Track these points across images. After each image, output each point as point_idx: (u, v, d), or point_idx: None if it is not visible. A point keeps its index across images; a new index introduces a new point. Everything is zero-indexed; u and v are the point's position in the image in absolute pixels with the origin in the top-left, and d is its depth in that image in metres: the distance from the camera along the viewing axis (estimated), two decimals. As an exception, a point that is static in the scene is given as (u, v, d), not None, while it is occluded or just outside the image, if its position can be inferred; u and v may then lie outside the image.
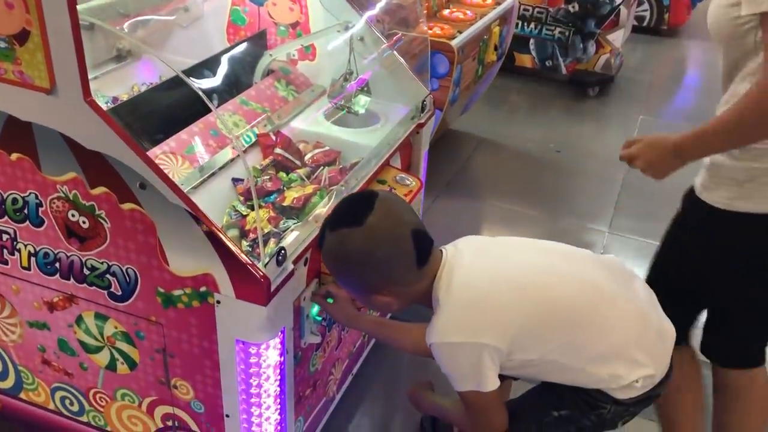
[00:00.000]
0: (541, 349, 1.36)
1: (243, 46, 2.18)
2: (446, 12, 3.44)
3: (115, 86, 2.22)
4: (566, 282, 1.41)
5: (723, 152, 1.47)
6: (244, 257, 1.30)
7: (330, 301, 1.59)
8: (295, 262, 1.45)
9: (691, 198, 1.61)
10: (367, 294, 1.39)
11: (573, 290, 1.40)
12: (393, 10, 2.81)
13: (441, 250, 1.43)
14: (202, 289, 1.37)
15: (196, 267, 1.35)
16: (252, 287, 1.32)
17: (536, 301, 1.37)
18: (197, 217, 1.28)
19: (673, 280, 1.64)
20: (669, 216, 1.84)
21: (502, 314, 1.34)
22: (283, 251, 1.38)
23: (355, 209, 1.36)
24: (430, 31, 3.07)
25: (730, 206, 1.49)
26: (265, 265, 1.32)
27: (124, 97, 2.21)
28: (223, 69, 2.11)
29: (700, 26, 6.28)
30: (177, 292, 1.40)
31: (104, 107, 2.09)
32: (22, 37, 1.21)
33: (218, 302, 1.36)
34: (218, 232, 1.29)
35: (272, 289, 1.34)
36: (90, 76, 2.26)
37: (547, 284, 1.40)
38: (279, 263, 1.37)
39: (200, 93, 1.38)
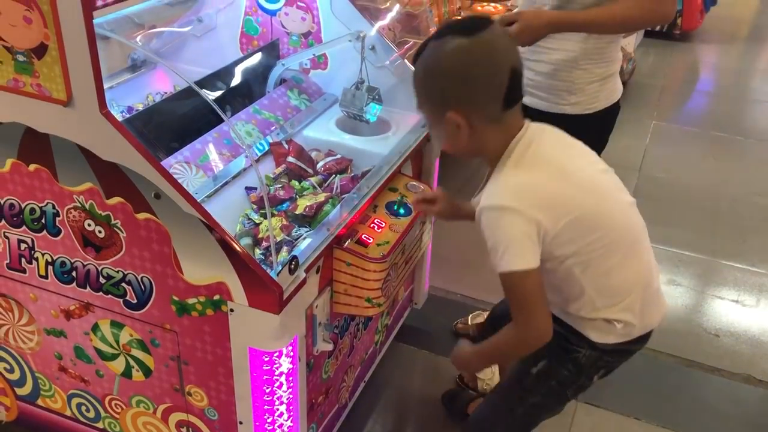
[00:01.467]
0: (571, 250, 1.34)
1: (256, 56, 2.20)
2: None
3: (130, 96, 2.26)
4: (622, 209, 1.43)
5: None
6: (257, 266, 1.32)
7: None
8: (307, 270, 1.46)
9: None
10: (443, 108, 1.31)
11: (623, 218, 1.42)
12: (404, 19, 2.83)
13: (526, 122, 1.39)
14: (216, 297, 1.38)
15: (209, 275, 1.37)
16: (265, 296, 1.34)
17: (593, 208, 1.36)
18: (211, 226, 1.30)
19: None
20: (680, 221, 1.83)
21: (563, 204, 1.32)
22: (295, 260, 1.39)
23: (467, 24, 1.32)
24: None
25: None
26: (278, 274, 1.34)
27: (139, 107, 2.24)
28: (236, 78, 2.14)
29: (713, 31, 6.26)
30: (191, 301, 1.42)
31: (119, 117, 2.15)
32: (40, 51, 1.24)
33: (231, 310, 1.38)
34: (232, 241, 1.31)
35: (285, 298, 1.35)
36: (105, 86, 2.30)
37: (607, 199, 1.41)
38: (291, 271, 1.38)
39: (213, 104, 1.39)
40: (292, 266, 1.38)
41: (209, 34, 2.32)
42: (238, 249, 1.31)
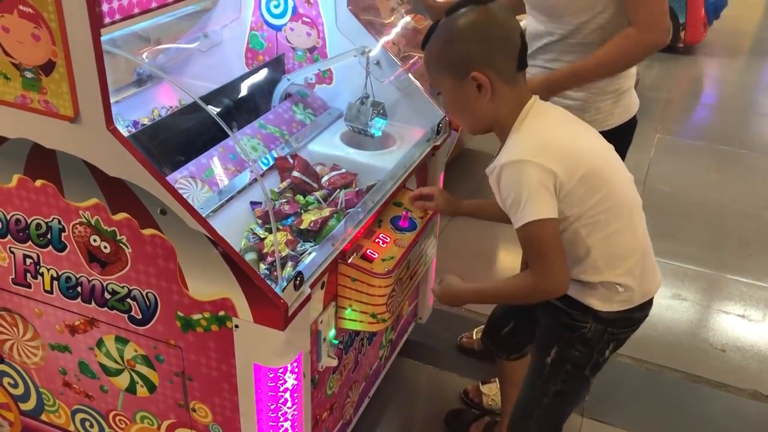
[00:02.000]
0: (580, 210, 1.40)
1: (261, 71, 2.21)
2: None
3: (135, 110, 2.27)
4: (623, 178, 1.50)
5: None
6: (262, 282, 1.32)
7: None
8: (312, 286, 1.46)
9: None
10: (466, 71, 1.39)
11: (624, 186, 1.49)
12: (409, 34, 2.84)
13: (532, 93, 1.48)
14: (221, 313, 1.38)
15: (215, 291, 1.37)
16: (270, 312, 1.33)
17: (601, 169, 1.43)
18: (217, 242, 1.30)
19: None
20: (686, 236, 1.83)
21: (576, 159, 1.40)
22: (300, 275, 1.39)
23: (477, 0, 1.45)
24: (445, 53, 3.09)
25: None
26: (283, 290, 1.33)
27: (144, 121, 2.26)
28: (241, 93, 2.15)
29: (717, 44, 6.28)
30: (196, 316, 1.42)
31: (124, 131, 2.15)
32: (48, 67, 1.24)
33: (236, 326, 1.38)
34: (237, 257, 1.31)
35: (290, 314, 1.35)
36: (111, 101, 2.32)
37: (612, 166, 1.48)
38: (296, 287, 1.38)
39: (217, 118, 1.40)
40: (297, 282, 1.38)
41: (215, 49, 2.33)
42: (243, 265, 1.31)
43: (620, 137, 1.92)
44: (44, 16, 1.20)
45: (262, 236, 1.74)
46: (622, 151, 1.97)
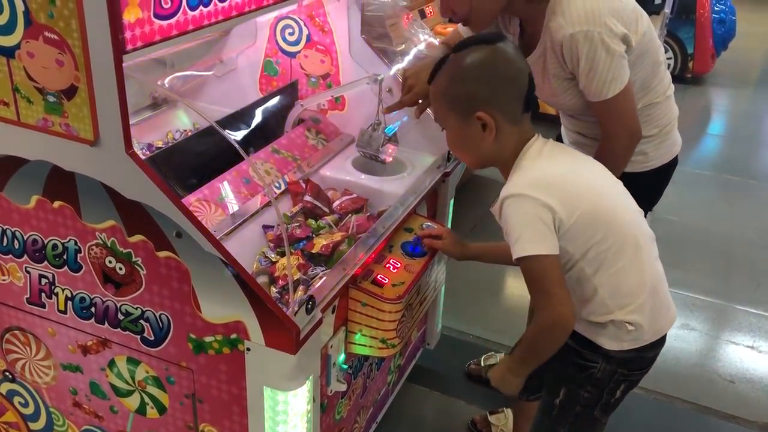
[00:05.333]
0: (583, 248, 1.39)
1: (275, 96, 2.25)
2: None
3: (151, 133, 2.31)
4: (630, 215, 1.48)
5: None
6: (275, 306, 1.33)
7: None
8: (323, 311, 1.47)
9: None
10: (472, 110, 1.41)
11: (631, 222, 1.47)
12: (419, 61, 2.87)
13: (536, 132, 1.48)
14: (233, 336, 1.39)
15: (227, 314, 1.38)
16: (282, 336, 1.34)
17: (605, 205, 1.43)
18: (231, 265, 1.31)
19: None
20: (694, 265, 1.84)
21: (577, 197, 1.40)
22: (312, 300, 1.40)
23: (483, 37, 1.47)
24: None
25: None
26: (295, 314, 1.35)
27: (159, 144, 2.29)
28: (256, 118, 2.19)
29: (725, 74, 6.31)
30: (208, 339, 1.43)
31: (139, 153, 2.18)
32: (71, 92, 1.27)
33: (248, 349, 1.39)
34: (250, 281, 1.32)
35: (301, 338, 1.36)
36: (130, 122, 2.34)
37: (616, 202, 1.47)
38: (308, 311, 1.39)
39: (233, 142, 1.43)
40: (309, 306, 1.39)
41: (230, 74, 2.37)
42: (256, 288, 1.32)
43: (660, 177, 1.92)
44: (69, 43, 1.23)
45: (273, 260, 1.75)
46: (657, 193, 1.96)
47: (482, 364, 2.45)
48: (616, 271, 1.42)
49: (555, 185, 1.39)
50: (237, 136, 2.10)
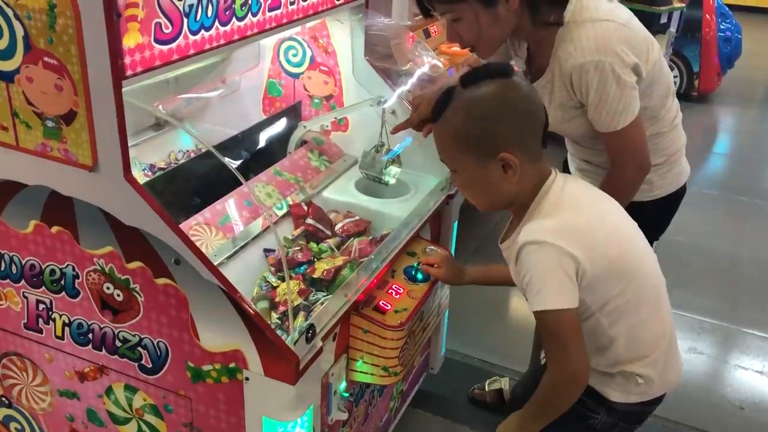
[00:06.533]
0: (602, 300, 1.33)
1: (278, 118, 2.24)
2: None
3: (153, 154, 2.29)
4: (650, 260, 1.43)
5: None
6: (274, 335, 1.31)
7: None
8: (324, 339, 1.44)
9: None
10: (494, 151, 1.30)
11: (652, 269, 1.42)
12: (425, 83, 2.86)
13: (552, 168, 1.40)
14: (232, 365, 1.37)
15: (226, 343, 1.36)
16: (281, 365, 1.32)
17: (628, 253, 1.37)
18: (230, 294, 1.29)
19: None
20: (700, 286, 1.81)
21: (602, 245, 1.32)
22: (312, 328, 1.38)
23: (496, 68, 1.35)
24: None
25: None
26: (295, 343, 1.32)
27: (161, 164, 2.27)
28: (258, 140, 2.17)
29: (731, 93, 6.29)
30: (206, 367, 1.40)
31: (140, 175, 2.17)
32: (69, 117, 1.26)
33: (247, 379, 1.36)
34: (250, 309, 1.30)
35: (301, 368, 1.33)
36: (131, 143, 2.33)
37: (637, 247, 1.41)
38: (308, 340, 1.36)
39: (231, 167, 1.42)
40: (309, 335, 1.36)
41: (233, 95, 2.36)
42: (255, 317, 1.30)
43: (666, 206, 1.87)
44: (68, 68, 1.22)
45: (274, 284, 1.73)
46: (665, 222, 1.91)
47: (486, 388, 2.42)
48: (635, 323, 1.36)
49: (579, 233, 1.31)
50: (239, 158, 2.08)
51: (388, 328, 1.59)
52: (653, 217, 1.84)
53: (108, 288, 1.43)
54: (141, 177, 2.19)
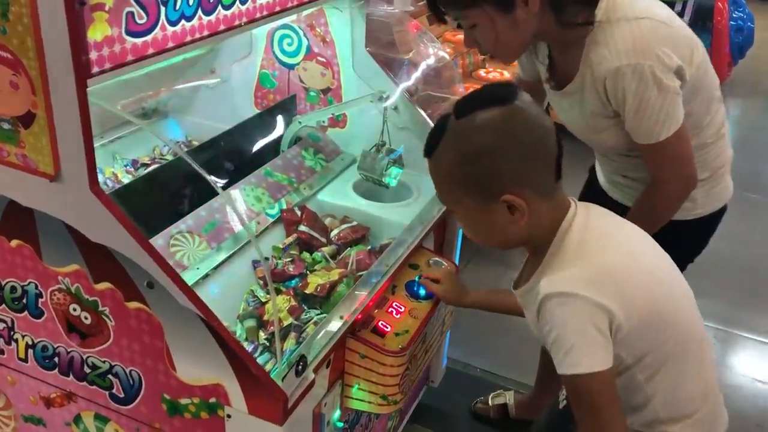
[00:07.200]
0: (640, 353, 1.16)
1: (271, 112, 2.07)
2: (482, 72, 3.33)
3: (137, 147, 2.14)
4: (690, 302, 1.25)
5: None
6: (259, 370, 1.15)
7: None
8: (316, 369, 1.29)
9: None
10: (495, 192, 1.12)
11: (693, 313, 1.24)
12: (430, 73, 2.70)
13: (570, 199, 1.22)
14: (212, 400, 1.22)
15: (205, 376, 1.21)
16: (267, 404, 1.17)
17: (668, 297, 1.19)
18: (210, 323, 1.14)
19: None
20: (717, 293, 1.67)
21: (637, 291, 1.14)
22: (303, 360, 1.23)
23: (494, 92, 1.16)
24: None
25: None
26: (283, 378, 1.17)
27: (145, 160, 2.12)
28: (248, 136, 2.01)
29: (743, 84, 6.11)
30: (184, 401, 1.25)
31: (122, 171, 2.01)
32: (28, 119, 1.10)
33: (228, 416, 1.22)
34: (231, 341, 1.15)
35: (290, 405, 1.19)
36: (112, 137, 2.15)
37: (675, 289, 1.23)
38: (298, 373, 1.22)
39: (204, 174, 1.28)
40: (300, 368, 1.21)
41: (223, 86, 2.20)
42: (238, 349, 1.15)
43: (706, 228, 1.69)
44: (24, 63, 1.05)
45: (263, 300, 1.58)
46: (703, 243, 1.72)
47: (490, 403, 2.27)
48: (675, 378, 1.19)
49: (610, 279, 1.13)
50: (227, 156, 1.92)
51: (387, 354, 1.43)
52: (692, 238, 1.68)
53: (74, 309, 1.28)
54: (122, 174, 2.03)
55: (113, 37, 1.09)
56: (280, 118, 2.07)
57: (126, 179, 2.02)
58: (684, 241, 1.42)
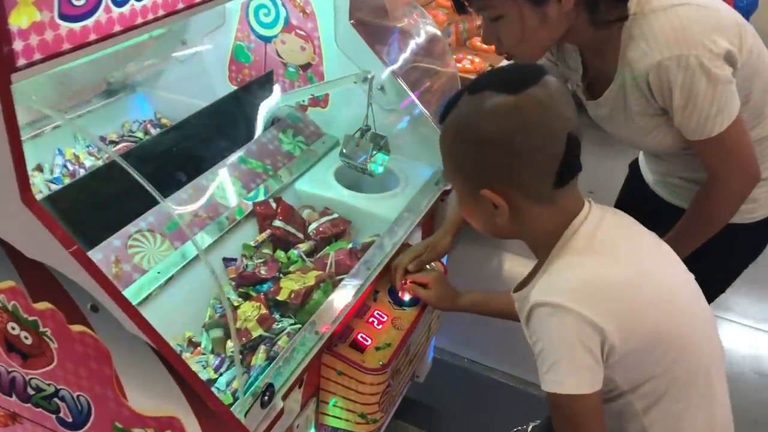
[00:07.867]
0: (637, 381, 1.05)
1: (245, 90, 1.90)
2: (477, 41, 3.14)
3: (104, 124, 1.99)
4: (703, 327, 1.12)
5: None
6: (217, 403, 1.02)
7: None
8: (285, 396, 1.16)
9: None
10: (478, 182, 1.05)
11: (703, 340, 1.11)
12: (422, 44, 2.53)
13: (586, 200, 1.11)
14: (167, 432, 1.09)
15: (159, 407, 1.07)
16: (228, 441, 1.04)
17: (675, 320, 1.06)
18: (162, 353, 1.00)
19: None
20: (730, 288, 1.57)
21: (640, 309, 1.03)
22: (270, 390, 1.10)
23: (513, 75, 1.07)
24: (459, 65, 2.77)
25: None
26: (246, 414, 1.04)
27: (113, 137, 1.97)
28: (221, 117, 1.84)
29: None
30: (137, 431, 1.12)
31: (84, 153, 1.85)
32: (-54, 119, 0.94)
33: (186, 451, 1.09)
34: (186, 372, 1.01)
35: (254, 442, 1.06)
36: (77, 113, 1.97)
37: (686, 313, 1.10)
38: (264, 405, 1.09)
39: (143, 181, 1.12)
40: (266, 398, 1.08)
41: (194, 59, 2.03)
42: (193, 381, 1.01)
43: (763, 233, 1.54)
44: (-65, 54, 0.89)
45: (235, 304, 1.44)
46: (761, 249, 1.56)
47: None
48: (679, 410, 1.06)
49: (608, 296, 1.02)
50: (198, 140, 1.75)
51: (367, 372, 1.31)
52: (748, 243, 1.52)
53: (13, 328, 1.13)
54: (84, 156, 1.87)
55: (43, 22, 0.93)
56: (255, 97, 1.90)
57: (88, 162, 1.86)
58: (740, 245, 1.28)
